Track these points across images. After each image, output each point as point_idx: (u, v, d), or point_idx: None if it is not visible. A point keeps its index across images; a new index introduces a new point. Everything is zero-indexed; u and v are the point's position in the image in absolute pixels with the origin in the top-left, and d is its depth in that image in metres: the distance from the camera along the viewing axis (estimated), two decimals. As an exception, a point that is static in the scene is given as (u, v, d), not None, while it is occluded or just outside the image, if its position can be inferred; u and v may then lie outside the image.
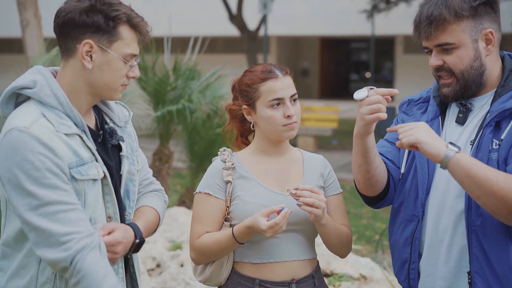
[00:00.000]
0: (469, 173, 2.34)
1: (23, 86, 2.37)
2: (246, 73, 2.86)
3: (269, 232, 2.60)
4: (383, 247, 7.01)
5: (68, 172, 2.29)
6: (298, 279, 2.77)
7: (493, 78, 2.57)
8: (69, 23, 2.34)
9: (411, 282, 2.64)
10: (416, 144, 2.38)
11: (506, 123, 2.46)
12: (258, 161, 2.84)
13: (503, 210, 2.35)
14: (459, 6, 2.47)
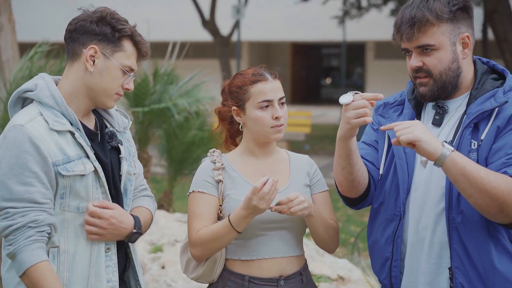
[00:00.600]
0: (463, 172, 2.42)
1: (27, 89, 2.61)
2: (236, 76, 2.95)
3: (262, 203, 2.66)
4: (359, 250, 7.13)
5: (52, 170, 2.51)
6: (286, 275, 2.86)
7: (467, 81, 2.68)
8: (79, 29, 2.60)
9: (393, 280, 2.72)
10: (414, 142, 2.44)
11: (484, 124, 2.56)
12: (247, 162, 2.93)
13: (493, 208, 2.44)
14: (440, 10, 2.57)
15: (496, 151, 2.52)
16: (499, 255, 2.54)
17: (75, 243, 2.57)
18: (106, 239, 2.61)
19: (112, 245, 2.64)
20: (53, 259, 2.53)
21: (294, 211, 2.71)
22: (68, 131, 2.57)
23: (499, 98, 2.55)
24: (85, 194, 2.58)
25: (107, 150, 2.70)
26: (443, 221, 2.59)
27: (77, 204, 2.57)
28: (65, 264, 2.55)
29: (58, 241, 2.55)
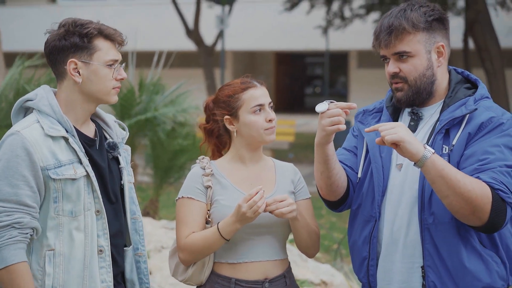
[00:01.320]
0: (441, 174, 2.54)
1: (28, 99, 2.79)
2: (223, 88, 3.10)
3: (249, 212, 2.80)
4: (342, 255, 7.26)
5: (41, 175, 2.67)
6: (271, 278, 2.99)
7: (442, 89, 2.82)
8: (53, 50, 2.76)
9: (370, 278, 2.85)
10: (399, 142, 2.56)
11: (455, 130, 2.70)
12: (235, 168, 3.07)
13: (466, 210, 2.56)
14: (416, 19, 2.73)
15: (468, 157, 2.66)
16: (468, 254, 2.66)
17: (70, 246, 2.71)
18: None
19: (105, 247, 2.78)
20: (49, 261, 2.68)
21: (285, 212, 2.84)
22: (62, 137, 2.72)
23: (469, 106, 2.70)
24: (77, 198, 2.72)
25: (105, 156, 2.86)
26: (416, 222, 2.73)
27: (71, 208, 2.71)
28: (61, 266, 2.69)
29: (53, 244, 2.69)
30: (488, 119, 2.67)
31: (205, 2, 22.29)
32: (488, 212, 2.54)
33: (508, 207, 2.57)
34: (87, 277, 2.73)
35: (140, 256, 2.99)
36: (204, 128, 3.17)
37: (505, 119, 2.69)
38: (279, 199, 2.85)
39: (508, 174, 2.59)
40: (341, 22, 21.62)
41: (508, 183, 2.57)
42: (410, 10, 2.76)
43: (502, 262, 2.70)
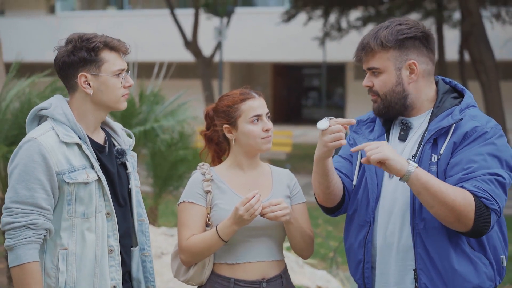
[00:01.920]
0: (426, 186, 2.70)
1: (42, 107, 2.96)
2: (223, 98, 3.26)
3: (246, 214, 2.97)
4: (338, 263, 7.41)
5: (56, 179, 2.84)
6: (268, 278, 3.15)
7: (424, 101, 2.96)
8: (63, 66, 2.94)
9: (365, 280, 3.00)
10: (383, 161, 2.72)
11: (442, 139, 2.85)
12: (234, 174, 3.23)
13: (451, 218, 2.71)
14: (386, 39, 2.88)
15: (454, 166, 2.81)
16: (458, 257, 2.81)
17: (82, 245, 2.88)
18: None
19: (115, 247, 2.94)
20: (62, 259, 2.85)
21: (279, 215, 3.00)
22: (75, 144, 2.90)
23: (455, 115, 2.85)
24: (89, 201, 2.90)
25: (114, 161, 3.04)
26: (408, 227, 2.88)
27: (83, 210, 2.89)
28: (73, 264, 2.86)
29: (67, 243, 2.87)
30: (472, 129, 2.82)
31: (203, 13, 22.46)
32: (472, 219, 2.69)
33: (492, 213, 2.71)
34: (98, 275, 2.90)
35: (146, 256, 3.15)
36: (204, 135, 3.33)
37: (489, 128, 2.83)
38: (274, 203, 3.01)
39: (491, 182, 2.72)
40: (338, 33, 21.78)
41: (491, 191, 2.71)
42: (385, 28, 2.92)
43: (490, 263, 2.85)
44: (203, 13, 22.24)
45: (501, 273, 2.89)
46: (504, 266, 2.91)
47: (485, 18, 19.71)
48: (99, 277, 2.90)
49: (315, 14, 21.54)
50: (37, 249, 2.81)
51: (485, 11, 21.17)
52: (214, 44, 22.94)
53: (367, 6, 21.30)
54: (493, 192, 2.72)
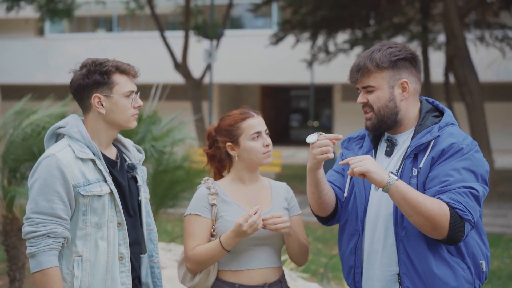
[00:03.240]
0: (404, 197, 2.96)
1: (60, 126, 3.23)
2: (225, 118, 3.54)
3: (249, 229, 3.24)
4: (329, 278, 7.66)
5: (73, 192, 3.12)
6: (269, 283, 3.42)
7: (410, 118, 3.24)
8: (78, 88, 3.22)
9: (356, 284, 3.26)
10: (365, 173, 2.98)
11: (422, 154, 3.12)
12: (236, 188, 3.50)
13: (428, 227, 2.96)
14: (380, 60, 3.17)
15: (432, 179, 3.07)
16: (437, 262, 3.06)
17: (95, 252, 3.14)
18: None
19: (125, 254, 3.20)
20: (77, 266, 3.11)
21: (279, 228, 3.27)
22: (90, 159, 3.17)
23: (434, 133, 3.12)
24: (102, 211, 3.16)
25: (125, 175, 3.31)
26: (392, 235, 3.14)
27: (96, 220, 3.16)
28: (87, 270, 3.12)
29: (81, 251, 3.13)
30: (449, 145, 3.08)
31: (193, 36, 22.71)
32: (447, 228, 2.94)
33: (466, 223, 2.96)
34: (109, 280, 3.16)
35: (155, 262, 3.41)
36: (207, 153, 3.60)
37: (465, 145, 3.09)
38: (276, 216, 3.28)
39: (466, 194, 2.98)
40: (326, 56, 22.08)
41: (465, 202, 2.96)
42: (378, 51, 3.20)
43: (468, 268, 3.10)
44: (193, 35, 22.48)
45: (480, 277, 3.15)
46: (484, 270, 3.16)
47: (469, 41, 20.11)
48: (110, 282, 3.16)
49: (303, 37, 21.86)
50: (56, 255, 3.07)
51: (469, 34, 21.59)
52: (203, 66, 23.18)
53: (354, 29, 21.66)
54: (467, 204, 2.97)
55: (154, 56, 28.19)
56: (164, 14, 30.63)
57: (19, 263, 6.76)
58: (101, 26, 37.12)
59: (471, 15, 22.14)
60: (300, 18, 20.92)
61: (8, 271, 6.79)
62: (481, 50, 22.59)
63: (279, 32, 21.89)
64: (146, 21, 34.52)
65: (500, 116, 29.19)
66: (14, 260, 6.74)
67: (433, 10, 21.62)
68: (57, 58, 33.51)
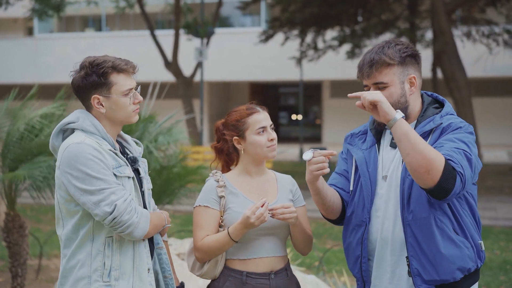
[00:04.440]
0: (406, 134, 3.07)
1: (69, 122, 3.31)
2: (231, 113, 3.70)
3: (257, 221, 3.39)
4: (324, 271, 7.84)
5: (111, 171, 3.20)
6: (275, 270, 3.58)
7: (415, 111, 3.38)
8: (78, 89, 3.31)
9: (363, 273, 3.40)
10: (376, 102, 3.13)
11: (426, 140, 3.25)
12: (244, 181, 3.66)
13: (423, 167, 3.04)
14: (392, 55, 3.30)
15: None
16: (444, 242, 3.20)
17: None
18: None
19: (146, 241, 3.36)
20: (108, 246, 3.23)
21: (287, 217, 3.44)
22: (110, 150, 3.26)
23: (436, 121, 3.28)
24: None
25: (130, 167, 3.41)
26: (399, 221, 3.29)
27: None
28: (118, 250, 3.25)
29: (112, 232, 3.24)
30: (448, 124, 3.26)
31: (183, 34, 22.81)
32: (440, 172, 3.03)
33: (457, 176, 3.07)
34: (138, 259, 3.30)
35: (161, 249, 3.53)
36: (215, 148, 3.76)
37: (462, 124, 3.27)
38: (285, 206, 3.45)
39: (459, 153, 3.12)
40: (315, 53, 22.21)
41: (458, 158, 3.09)
42: (387, 47, 3.33)
43: (471, 247, 3.26)
44: (183, 34, 22.57)
45: (481, 256, 3.31)
46: (483, 250, 3.33)
47: (456, 37, 20.34)
48: (138, 261, 3.30)
49: (292, 34, 21.99)
50: (138, 211, 3.19)
51: (457, 30, 21.82)
52: (193, 64, 23.27)
53: (343, 26, 21.82)
54: (460, 159, 3.09)
55: (144, 55, 28.26)
56: (153, 13, 30.76)
57: (21, 259, 6.91)
58: (90, 25, 37.16)
59: (457, 12, 22.37)
60: (289, 16, 21.03)
61: (10, 267, 6.94)
62: (468, 46, 22.83)
63: (268, 30, 21.99)
64: (135, 20, 34.63)
65: (487, 111, 29.50)
66: (16, 257, 6.90)
67: (420, 7, 21.82)
68: (47, 58, 33.56)
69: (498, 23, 21.42)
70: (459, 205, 3.28)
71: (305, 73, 27.89)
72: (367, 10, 21.43)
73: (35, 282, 8.05)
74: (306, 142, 29.87)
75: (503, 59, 24.61)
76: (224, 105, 35.00)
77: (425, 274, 3.23)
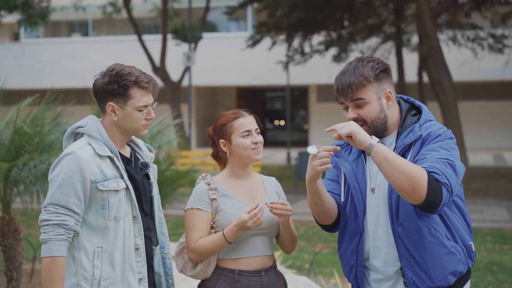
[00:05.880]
0: (385, 157, 3.14)
1: (79, 126, 3.45)
2: (219, 118, 3.82)
3: (253, 225, 3.52)
4: (316, 273, 7.95)
5: (89, 188, 3.33)
6: (265, 268, 3.72)
7: (394, 122, 3.44)
8: (98, 93, 3.43)
9: (358, 281, 3.47)
10: (351, 134, 3.19)
11: (407, 153, 3.34)
12: (233, 183, 3.77)
13: (408, 186, 3.10)
14: (368, 74, 3.35)
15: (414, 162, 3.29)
16: (436, 250, 3.28)
17: (113, 244, 3.38)
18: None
19: (141, 245, 3.45)
20: (97, 256, 3.35)
21: (284, 214, 3.56)
22: (108, 157, 3.39)
23: (416, 132, 3.34)
24: (118, 206, 3.39)
25: (139, 172, 3.54)
26: (391, 233, 3.36)
27: (114, 214, 3.39)
28: (107, 260, 3.36)
29: (101, 242, 3.36)
30: (427, 134, 3.32)
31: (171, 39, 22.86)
32: (426, 188, 3.09)
33: (443, 187, 3.13)
34: (127, 269, 3.40)
35: (166, 254, 3.65)
36: (212, 155, 3.91)
37: (441, 131, 3.32)
38: (284, 203, 3.58)
39: (442, 163, 3.18)
40: (302, 57, 22.37)
41: (441, 168, 3.15)
42: (361, 66, 3.38)
43: (462, 250, 3.34)
44: (171, 39, 22.63)
45: (471, 256, 3.39)
46: (474, 250, 3.41)
47: (442, 41, 20.52)
48: (128, 271, 3.40)
49: (278, 39, 22.11)
50: (66, 246, 3.30)
51: (442, 35, 22.02)
52: (181, 68, 23.35)
53: (329, 30, 21.98)
54: (443, 169, 3.16)
55: (131, 60, 27.92)
56: (139, 18, 30.79)
57: (16, 263, 6.98)
58: (77, 30, 37.16)
59: (443, 16, 22.58)
60: (275, 21, 21.16)
61: (5, 271, 7.00)
62: (454, 50, 23.04)
63: (255, 35, 22.13)
64: (122, 25, 34.66)
65: (473, 115, 29.75)
66: (11, 260, 6.96)
67: (406, 11, 22.01)
68: (33, 63, 33.52)
69: (483, 27, 21.66)
70: (449, 210, 3.34)
71: (292, 77, 27.99)
72: (353, 14, 21.61)
73: (29, 286, 8.11)
74: (293, 147, 29.99)
75: (488, 63, 24.85)
76: (211, 110, 35.07)
77: (420, 283, 3.30)
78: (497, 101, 31.05)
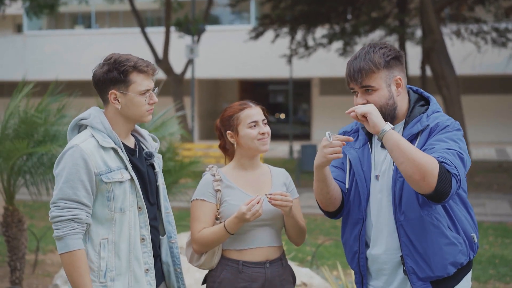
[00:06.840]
0: (397, 143, 3.15)
1: (83, 117, 3.45)
2: (226, 109, 3.83)
3: (252, 217, 3.53)
4: (318, 265, 7.97)
5: (95, 179, 3.33)
6: (270, 260, 3.72)
7: (403, 111, 3.45)
8: (98, 83, 3.43)
9: (361, 268, 3.49)
10: (367, 114, 3.22)
11: (414, 142, 3.34)
12: (239, 175, 3.78)
13: (418, 175, 3.11)
14: (378, 61, 3.37)
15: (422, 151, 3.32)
16: (437, 240, 3.30)
17: (119, 235, 3.39)
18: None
19: (146, 236, 3.46)
20: (103, 247, 3.36)
21: (283, 205, 3.56)
22: (112, 148, 3.39)
23: (423, 122, 3.36)
24: (123, 197, 3.39)
25: (144, 162, 3.54)
26: (393, 221, 3.39)
27: (120, 205, 3.39)
28: (112, 251, 3.37)
29: (107, 234, 3.37)
30: (435, 125, 3.33)
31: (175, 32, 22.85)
32: (436, 177, 3.10)
33: (452, 178, 3.14)
34: (133, 260, 3.41)
35: (173, 243, 3.66)
36: (219, 147, 3.91)
37: (449, 122, 3.34)
38: (284, 194, 3.58)
39: (451, 154, 3.19)
40: (305, 51, 22.32)
41: (451, 159, 3.16)
42: (373, 52, 3.39)
43: (464, 241, 3.35)
44: (174, 31, 22.63)
45: (473, 248, 3.40)
46: (476, 242, 3.42)
47: (445, 35, 20.53)
48: (134, 262, 3.42)
49: (281, 32, 22.09)
50: (81, 239, 3.32)
51: (445, 28, 22.00)
52: (184, 61, 23.33)
53: (332, 23, 21.96)
54: (453, 160, 3.17)
55: (134, 52, 27.44)
56: (142, 10, 30.79)
57: (20, 253, 7.01)
58: (80, 22, 37.13)
59: (446, 10, 22.56)
60: (279, 13, 21.13)
61: (9, 261, 7.03)
62: (457, 44, 23.01)
63: (258, 27, 22.08)
64: (125, 17, 34.66)
65: (476, 109, 29.74)
66: (15, 251, 6.99)
67: (409, 5, 21.98)
68: (36, 55, 33.53)
69: (487, 21, 21.62)
70: (452, 201, 3.35)
71: (295, 70, 27.96)
72: (357, 7, 21.58)
73: (32, 276, 8.15)
74: (296, 140, 30.00)
75: (491, 57, 24.83)
76: (214, 103, 35.09)
77: (420, 272, 3.32)
78: (500, 95, 31.04)
